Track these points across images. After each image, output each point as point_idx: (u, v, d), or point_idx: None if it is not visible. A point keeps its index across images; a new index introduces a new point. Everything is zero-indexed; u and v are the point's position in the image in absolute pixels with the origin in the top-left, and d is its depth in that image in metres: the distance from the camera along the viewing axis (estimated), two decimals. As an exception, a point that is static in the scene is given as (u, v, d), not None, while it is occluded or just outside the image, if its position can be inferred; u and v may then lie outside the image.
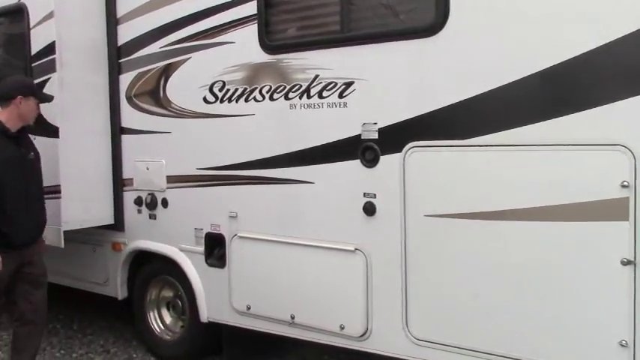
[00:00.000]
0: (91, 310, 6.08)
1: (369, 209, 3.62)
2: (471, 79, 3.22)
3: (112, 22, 4.84)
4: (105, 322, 5.91)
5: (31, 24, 4.76)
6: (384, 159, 3.56)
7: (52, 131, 4.57)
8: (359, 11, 3.63)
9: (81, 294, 5.52)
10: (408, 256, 3.51)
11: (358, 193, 3.66)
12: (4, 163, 4.04)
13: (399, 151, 3.49)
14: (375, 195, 3.61)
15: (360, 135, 3.62)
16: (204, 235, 4.43)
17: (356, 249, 3.70)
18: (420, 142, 3.42)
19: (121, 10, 4.81)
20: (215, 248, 4.39)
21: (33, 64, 4.76)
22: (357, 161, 3.65)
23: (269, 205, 4.08)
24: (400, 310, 3.56)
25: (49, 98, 4.35)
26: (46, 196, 4.38)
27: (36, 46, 4.75)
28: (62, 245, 4.61)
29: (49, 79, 4.62)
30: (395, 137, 3.50)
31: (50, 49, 4.62)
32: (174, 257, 4.64)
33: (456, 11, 3.25)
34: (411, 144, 3.45)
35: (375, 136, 3.57)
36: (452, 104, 3.29)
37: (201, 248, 4.45)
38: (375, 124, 3.56)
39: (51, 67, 4.61)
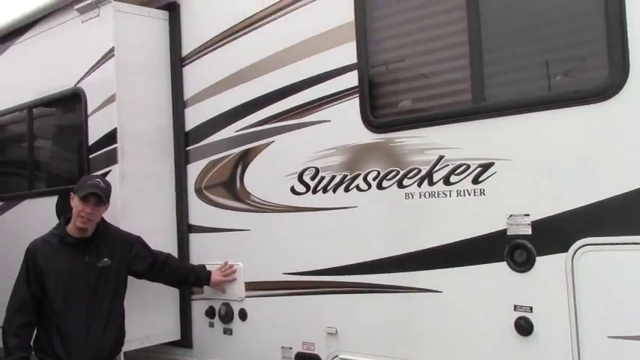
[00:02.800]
0: None
1: (524, 327, 2.77)
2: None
3: (179, 105, 4.26)
4: None
5: (89, 110, 4.20)
6: (541, 261, 2.73)
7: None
8: (497, 75, 2.91)
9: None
10: (584, 392, 2.62)
11: (506, 305, 2.83)
12: (55, 274, 3.47)
13: (564, 250, 2.66)
14: (530, 308, 2.77)
15: (505, 230, 2.82)
16: (294, 356, 3.62)
17: (506, 380, 2.82)
18: (596, 238, 2.59)
19: (190, 91, 4.23)
20: (308, 372, 3.55)
21: (90, 156, 4.16)
22: (503, 264, 2.83)
23: (380, 320, 3.26)
24: None
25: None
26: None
27: (94, 136, 4.17)
28: (122, 371, 3.85)
29: (109, 171, 3.99)
30: (557, 232, 2.69)
31: (110, 137, 4.03)
32: (255, 382, 3.81)
33: (637, 69, 2.50)
34: (581, 241, 2.62)
35: (528, 231, 2.76)
36: (641, 187, 2.49)
37: (291, 372, 3.62)
38: (527, 215, 2.76)
39: (111, 159, 4.01)
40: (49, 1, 4.56)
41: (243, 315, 3.89)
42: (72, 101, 4.43)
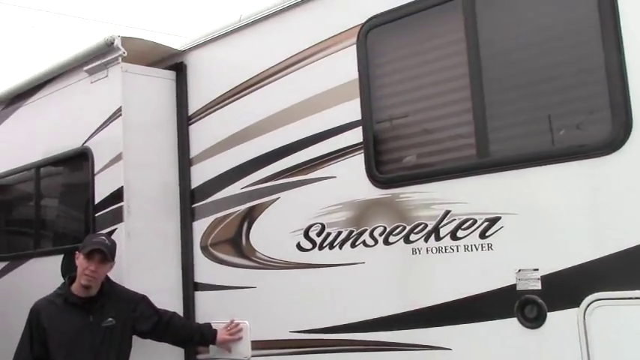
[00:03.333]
0: None
1: (538, 387, 2.69)
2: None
3: (185, 163, 4.27)
4: None
5: (96, 169, 4.22)
6: (552, 317, 2.68)
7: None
8: (501, 129, 2.92)
9: None
10: None
11: (518, 363, 2.76)
12: (58, 335, 3.42)
13: (576, 305, 2.61)
14: (544, 366, 2.70)
15: (514, 285, 2.78)
16: (302, 418, 3.51)
17: None
18: (609, 292, 2.54)
19: (196, 149, 4.25)
20: None
21: (97, 214, 4.15)
22: (513, 320, 2.78)
23: (389, 379, 3.18)
24: None
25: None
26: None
27: (100, 194, 4.17)
28: None
29: (114, 230, 3.98)
30: (567, 287, 2.65)
31: (116, 196, 4.04)
32: None
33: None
34: (593, 295, 2.58)
35: (537, 286, 2.72)
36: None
37: None
38: (536, 270, 2.73)
39: (117, 217, 4.00)
40: (60, 62, 4.64)
41: (250, 375, 3.81)
42: (79, 160, 4.45)
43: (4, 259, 5.12)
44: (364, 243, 3.31)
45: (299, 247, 3.58)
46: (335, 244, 3.43)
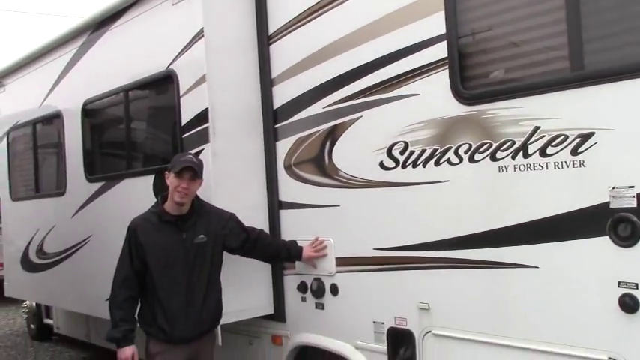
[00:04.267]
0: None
1: (629, 304, 2.64)
2: None
3: (267, 83, 4.29)
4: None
5: (181, 91, 4.30)
6: (647, 235, 2.59)
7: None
8: (597, 41, 2.75)
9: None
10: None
11: (609, 281, 2.70)
12: (155, 250, 3.58)
13: (674, 223, 2.51)
14: (637, 285, 2.63)
15: (607, 203, 2.69)
16: (386, 331, 3.61)
17: (610, 359, 2.70)
18: None
19: (277, 69, 4.25)
20: (401, 347, 3.55)
21: (184, 136, 4.27)
22: (605, 238, 2.70)
23: (473, 295, 3.20)
24: None
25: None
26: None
27: (186, 116, 4.27)
28: (220, 342, 3.98)
29: (201, 150, 4.09)
30: (665, 205, 2.54)
31: (202, 117, 4.12)
32: (348, 356, 3.84)
33: None
34: (693, 213, 2.46)
35: (633, 203, 2.62)
36: None
37: (384, 346, 3.62)
38: (632, 187, 2.62)
39: (203, 138, 4.10)
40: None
41: (334, 290, 3.91)
42: (165, 83, 4.53)
43: (99, 180, 5.39)
44: (449, 161, 3.26)
45: (382, 165, 3.58)
46: (419, 163, 3.40)
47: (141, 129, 5.21)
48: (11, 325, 10.00)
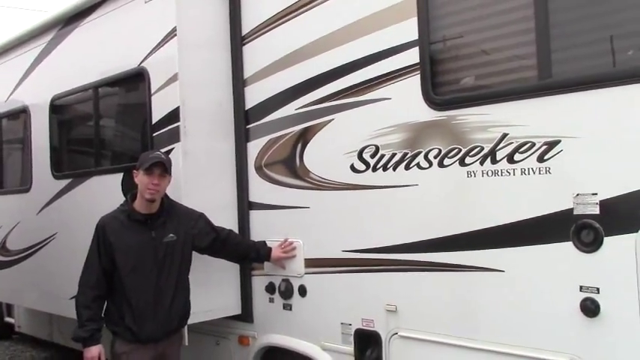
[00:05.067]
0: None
1: (590, 308, 2.71)
2: None
3: (240, 83, 4.29)
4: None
5: (153, 89, 4.27)
6: (609, 242, 2.66)
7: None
8: (564, 50, 2.82)
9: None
10: (653, 375, 2.56)
11: (571, 286, 2.77)
12: (124, 249, 3.56)
13: (634, 231, 2.58)
14: (597, 289, 2.70)
15: (571, 210, 2.76)
16: (353, 332, 3.64)
17: (571, 361, 2.77)
18: (669, 218, 2.51)
19: (250, 69, 4.25)
20: (368, 349, 3.57)
21: (154, 134, 4.24)
22: (569, 244, 2.77)
23: (440, 298, 3.25)
24: None
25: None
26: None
27: (157, 114, 4.24)
28: (186, 342, 3.96)
29: (172, 149, 4.07)
30: (626, 212, 2.61)
31: (173, 116, 4.10)
32: (314, 357, 3.85)
33: None
34: (652, 221, 2.54)
35: (595, 210, 2.69)
36: None
37: (351, 348, 3.65)
38: (595, 194, 2.69)
39: (174, 137, 4.08)
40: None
41: (302, 291, 3.92)
42: (136, 81, 4.49)
43: (66, 177, 5.31)
44: (418, 165, 3.30)
45: (353, 168, 3.60)
46: (389, 166, 3.43)
47: (110, 126, 5.15)
48: (-30, 324, 9.77)
